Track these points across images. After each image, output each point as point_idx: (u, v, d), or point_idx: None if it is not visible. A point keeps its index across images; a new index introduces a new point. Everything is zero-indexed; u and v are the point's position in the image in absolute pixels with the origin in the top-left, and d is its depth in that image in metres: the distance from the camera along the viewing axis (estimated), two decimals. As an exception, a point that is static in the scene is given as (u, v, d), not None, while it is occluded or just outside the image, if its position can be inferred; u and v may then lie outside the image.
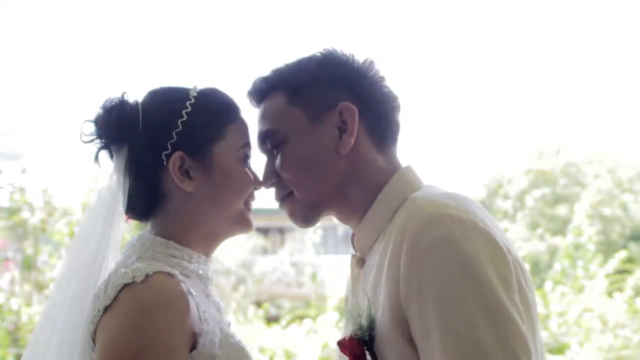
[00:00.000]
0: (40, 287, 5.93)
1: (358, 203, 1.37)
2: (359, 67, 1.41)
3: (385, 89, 1.42)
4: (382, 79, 1.42)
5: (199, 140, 1.41)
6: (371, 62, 1.42)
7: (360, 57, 1.42)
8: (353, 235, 1.44)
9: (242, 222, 1.47)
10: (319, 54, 1.42)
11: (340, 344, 1.28)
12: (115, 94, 1.44)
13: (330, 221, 1.50)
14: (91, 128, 1.43)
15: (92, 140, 1.43)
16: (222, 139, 1.43)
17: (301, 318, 8.95)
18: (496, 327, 1.14)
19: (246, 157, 1.47)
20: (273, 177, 1.42)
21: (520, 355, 1.13)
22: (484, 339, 1.13)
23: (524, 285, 1.22)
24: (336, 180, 1.37)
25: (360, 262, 1.40)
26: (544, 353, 1.28)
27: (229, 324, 1.42)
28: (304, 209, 1.40)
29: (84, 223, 1.45)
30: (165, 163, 1.40)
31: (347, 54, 1.42)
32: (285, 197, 1.42)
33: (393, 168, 1.40)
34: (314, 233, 12.40)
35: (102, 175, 1.44)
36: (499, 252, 1.21)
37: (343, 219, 1.43)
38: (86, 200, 6.01)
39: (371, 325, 1.26)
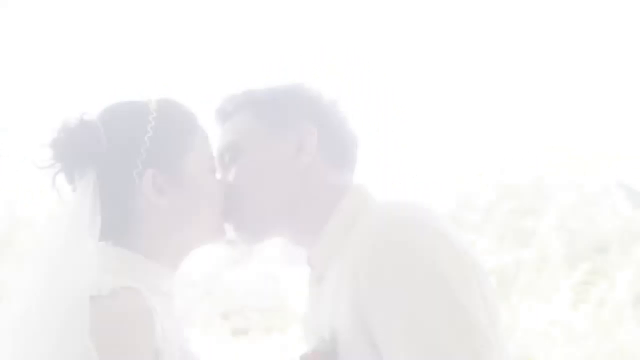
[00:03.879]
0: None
1: (311, 222, 1.39)
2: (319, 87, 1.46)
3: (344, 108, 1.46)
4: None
5: (169, 154, 1.38)
6: None
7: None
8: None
9: (217, 232, 1.45)
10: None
11: (304, 358, 1.29)
12: (69, 113, 1.37)
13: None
14: (48, 152, 1.35)
15: (51, 166, 1.36)
16: (192, 149, 1.41)
17: (270, 331, 8.90)
18: (461, 329, 1.17)
19: (215, 167, 1.45)
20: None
21: (484, 358, 1.16)
22: (449, 343, 1.16)
23: (486, 289, 1.25)
24: (287, 196, 1.39)
25: (317, 278, 1.41)
26: None
27: (187, 340, 1.40)
28: (251, 223, 1.41)
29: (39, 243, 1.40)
30: (137, 182, 1.36)
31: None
32: (232, 209, 1.42)
33: (347, 186, 1.42)
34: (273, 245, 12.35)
35: (60, 199, 1.37)
36: (459, 256, 1.24)
37: (295, 239, 1.45)
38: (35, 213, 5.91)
39: (334, 337, 1.27)
